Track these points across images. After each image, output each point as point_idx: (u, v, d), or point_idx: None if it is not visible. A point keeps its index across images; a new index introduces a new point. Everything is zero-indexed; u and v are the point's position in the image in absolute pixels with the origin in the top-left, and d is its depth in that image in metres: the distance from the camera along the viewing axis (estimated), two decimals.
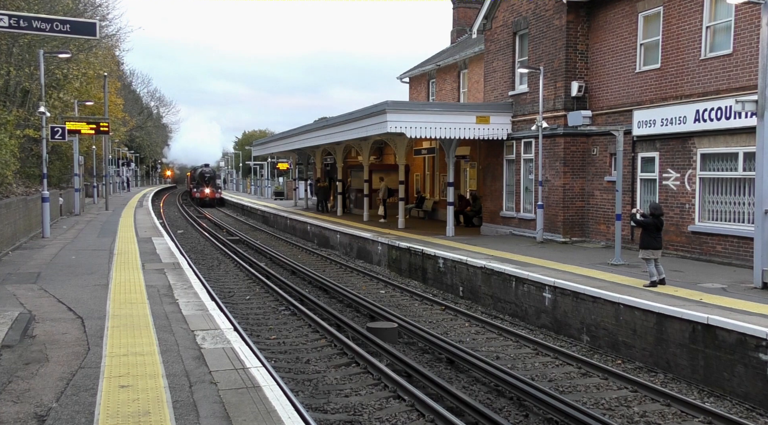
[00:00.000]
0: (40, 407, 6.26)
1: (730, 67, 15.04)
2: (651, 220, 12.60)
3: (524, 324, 13.82)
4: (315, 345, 11.78)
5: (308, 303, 15.10)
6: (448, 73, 30.93)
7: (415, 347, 11.82)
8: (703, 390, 9.69)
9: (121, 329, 9.02)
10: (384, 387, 9.38)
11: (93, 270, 14.41)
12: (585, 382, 9.96)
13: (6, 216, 17.86)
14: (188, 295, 11.53)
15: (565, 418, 8.17)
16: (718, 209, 15.61)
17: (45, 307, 10.57)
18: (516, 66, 22.38)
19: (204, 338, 8.61)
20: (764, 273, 12.00)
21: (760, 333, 8.97)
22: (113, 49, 44.26)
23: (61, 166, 36.81)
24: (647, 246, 12.49)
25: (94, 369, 7.31)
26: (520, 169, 21.97)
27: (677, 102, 16.36)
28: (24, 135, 25.00)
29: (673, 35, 16.61)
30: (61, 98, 29.89)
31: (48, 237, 21.65)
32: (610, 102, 18.82)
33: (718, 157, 15.54)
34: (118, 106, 52.14)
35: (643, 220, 12.66)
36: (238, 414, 6.01)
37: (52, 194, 25.98)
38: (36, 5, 25.27)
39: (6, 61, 26.10)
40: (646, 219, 12.67)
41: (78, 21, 18.11)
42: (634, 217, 12.97)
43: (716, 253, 15.44)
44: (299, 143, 33.93)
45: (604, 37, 19.04)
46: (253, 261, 21.76)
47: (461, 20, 34.90)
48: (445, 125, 21.11)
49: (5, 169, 19.90)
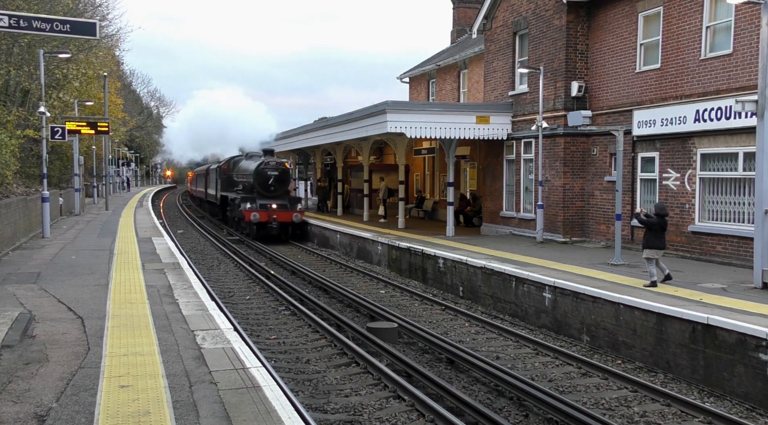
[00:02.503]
0: (40, 407, 6.26)
1: (730, 67, 15.04)
2: (656, 220, 12.65)
3: (524, 324, 13.82)
4: (315, 345, 11.78)
5: (308, 303, 15.10)
6: (448, 73, 30.92)
7: (415, 347, 11.82)
8: (703, 390, 9.69)
9: (121, 329, 9.02)
10: (384, 387, 9.37)
11: (93, 270, 14.41)
12: (585, 382, 9.96)
13: (6, 216, 17.86)
14: (188, 295, 11.53)
15: (565, 418, 8.17)
16: (718, 209, 15.60)
17: (45, 307, 10.57)
18: (516, 66, 22.37)
19: (204, 338, 8.60)
20: (764, 273, 12.00)
21: (760, 333, 8.97)
22: (113, 49, 44.28)
23: (61, 166, 36.82)
24: (652, 245, 12.52)
25: (94, 369, 7.31)
26: (520, 169, 21.97)
27: (677, 102, 16.35)
28: (24, 135, 24.99)
29: (673, 35, 16.61)
30: (61, 98, 29.88)
31: (48, 237, 21.65)
32: (610, 102, 18.82)
33: (718, 157, 15.54)
34: (118, 106, 52.14)
35: (649, 220, 12.70)
36: (238, 414, 6.01)
37: (52, 194, 25.99)
38: (36, 5, 25.27)
39: (6, 61, 26.10)
40: (652, 219, 12.71)
41: (78, 21, 18.12)
42: (639, 217, 12.99)
43: (716, 253, 15.44)
44: (299, 143, 33.98)
45: (604, 37, 19.03)
46: (253, 261, 21.77)
47: (461, 20, 34.89)
48: (445, 125, 21.11)
49: (5, 169, 19.90)
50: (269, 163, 29.22)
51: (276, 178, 28.88)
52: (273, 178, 28.79)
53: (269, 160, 29.49)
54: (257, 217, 27.54)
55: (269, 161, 29.43)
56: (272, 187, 28.76)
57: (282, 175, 29.21)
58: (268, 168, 29.03)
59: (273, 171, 28.97)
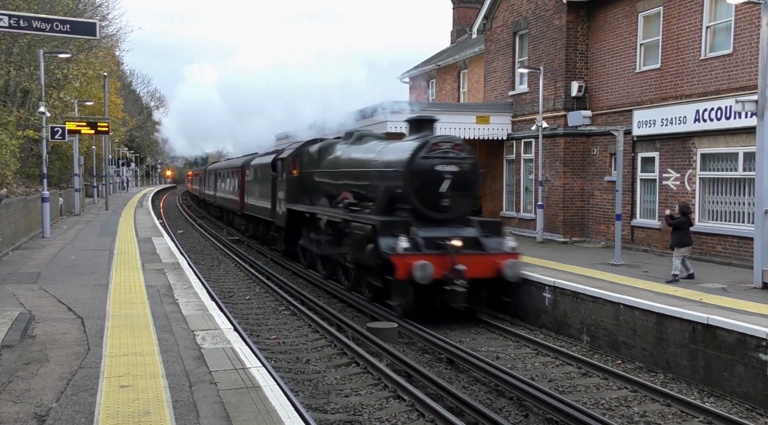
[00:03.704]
0: (40, 407, 6.26)
1: (730, 67, 15.04)
2: (684, 219, 13.18)
3: (524, 324, 13.81)
4: (315, 345, 11.78)
5: (308, 303, 15.08)
6: (448, 73, 30.92)
7: (415, 347, 11.82)
8: (703, 390, 9.69)
9: (121, 329, 9.02)
10: (384, 387, 9.37)
11: (93, 270, 14.41)
12: (585, 382, 9.95)
13: (6, 216, 17.86)
14: (188, 295, 11.53)
15: (565, 418, 8.16)
16: (718, 209, 15.61)
17: (45, 307, 10.57)
18: (516, 66, 22.38)
19: (204, 338, 8.60)
20: (764, 273, 12.01)
21: (760, 333, 8.96)
22: (113, 49, 44.32)
23: (61, 166, 36.85)
24: (684, 243, 13.04)
25: (94, 369, 7.31)
26: (520, 169, 21.97)
27: (677, 102, 16.35)
28: (24, 135, 25.02)
29: (673, 35, 16.61)
30: (61, 98, 29.92)
31: (48, 237, 21.64)
32: (610, 102, 18.82)
33: (718, 157, 15.54)
34: (118, 106, 52.16)
35: (678, 220, 13.19)
36: (238, 414, 6.01)
37: (52, 194, 25.98)
38: (36, 5, 25.29)
39: (6, 61, 26.13)
40: (680, 218, 13.21)
41: (78, 21, 18.14)
42: (669, 220, 13.44)
43: (716, 253, 15.44)
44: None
45: (604, 37, 19.03)
46: (253, 261, 21.76)
47: (461, 20, 34.89)
48: (444, 125, 21.11)
49: (5, 169, 19.92)
50: (439, 148, 13.56)
51: (457, 179, 13.53)
52: (449, 181, 13.44)
53: (439, 140, 13.77)
54: (428, 272, 12.17)
55: (439, 141, 13.69)
56: (445, 201, 13.50)
57: (468, 173, 13.77)
58: (438, 158, 13.48)
59: (449, 165, 13.52)
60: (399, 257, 12.27)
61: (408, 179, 13.51)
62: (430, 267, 12.10)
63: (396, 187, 13.83)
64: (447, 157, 13.55)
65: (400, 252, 12.37)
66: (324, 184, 18.08)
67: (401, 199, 13.80)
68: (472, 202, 14.89)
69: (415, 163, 13.50)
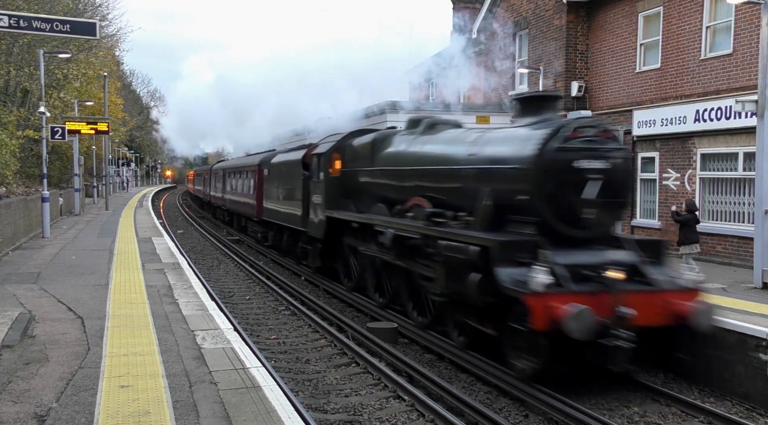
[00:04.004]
0: (40, 407, 6.26)
1: (730, 67, 15.04)
2: (691, 217, 13.33)
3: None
4: (315, 345, 11.78)
5: (308, 303, 15.09)
6: None
7: (415, 347, 11.81)
8: (703, 390, 9.68)
9: (121, 329, 9.02)
10: (384, 387, 9.37)
11: (93, 270, 14.41)
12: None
13: (6, 216, 17.87)
14: (188, 295, 11.53)
15: (565, 418, 8.15)
16: (718, 209, 15.61)
17: (45, 307, 10.57)
18: (516, 66, 22.38)
19: (204, 338, 8.60)
20: (764, 273, 12.00)
21: (760, 333, 8.96)
22: (113, 49, 44.35)
23: (61, 166, 36.87)
24: (691, 241, 13.16)
25: (94, 369, 7.31)
26: None
27: (677, 102, 16.36)
28: (24, 135, 25.03)
29: (673, 35, 16.61)
30: (61, 98, 29.94)
31: (48, 237, 21.64)
32: (610, 102, 18.82)
33: (718, 157, 15.54)
34: (118, 106, 52.20)
35: (684, 217, 13.32)
36: (238, 414, 6.01)
37: (52, 194, 25.99)
38: (36, 5, 25.30)
39: (6, 61, 26.14)
40: (686, 216, 13.35)
41: (78, 21, 18.14)
42: (675, 217, 13.55)
43: (716, 253, 15.44)
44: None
45: (604, 37, 19.03)
46: (253, 262, 21.75)
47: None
48: None
49: (5, 169, 19.93)
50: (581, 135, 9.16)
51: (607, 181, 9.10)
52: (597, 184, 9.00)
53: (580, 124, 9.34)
54: (587, 322, 7.93)
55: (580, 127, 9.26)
56: (590, 212, 9.10)
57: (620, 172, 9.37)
58: (579, 150, 9.08)
59: (597, 160, 9.10)
60: (537, 298, 8.16)
61: (536, 181, 9.22)
62: (589, 314, 7.95)
63: (514, 191, 9.67)
64: (592, 149, 9.12)
65: (539, 290, 8.20)
66: (379, 185, 13.96)
67: (520, 208, 9.66)
68: (621, 213, 10.20)
69: (546, 158, 9.12)
